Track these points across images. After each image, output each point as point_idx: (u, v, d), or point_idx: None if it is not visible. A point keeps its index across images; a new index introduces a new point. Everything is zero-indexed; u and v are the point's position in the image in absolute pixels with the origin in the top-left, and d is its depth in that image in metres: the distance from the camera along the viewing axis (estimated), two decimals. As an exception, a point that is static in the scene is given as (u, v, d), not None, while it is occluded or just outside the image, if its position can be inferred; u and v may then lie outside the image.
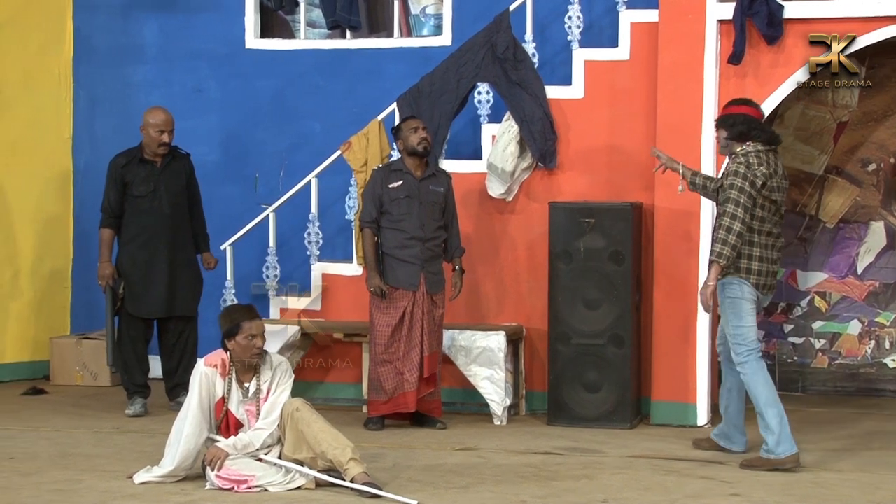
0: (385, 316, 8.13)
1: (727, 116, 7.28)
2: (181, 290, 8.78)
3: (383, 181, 8.18)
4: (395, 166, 8.27)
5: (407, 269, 8.12)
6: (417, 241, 8.13)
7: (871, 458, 7.43)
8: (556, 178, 8.87)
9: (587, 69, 8.80)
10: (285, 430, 6.48)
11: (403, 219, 8.13)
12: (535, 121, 8.75)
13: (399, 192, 8.13)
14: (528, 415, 8.80)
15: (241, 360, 6.51)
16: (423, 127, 8.24)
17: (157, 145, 8.71)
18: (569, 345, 8.36)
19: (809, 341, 9.77)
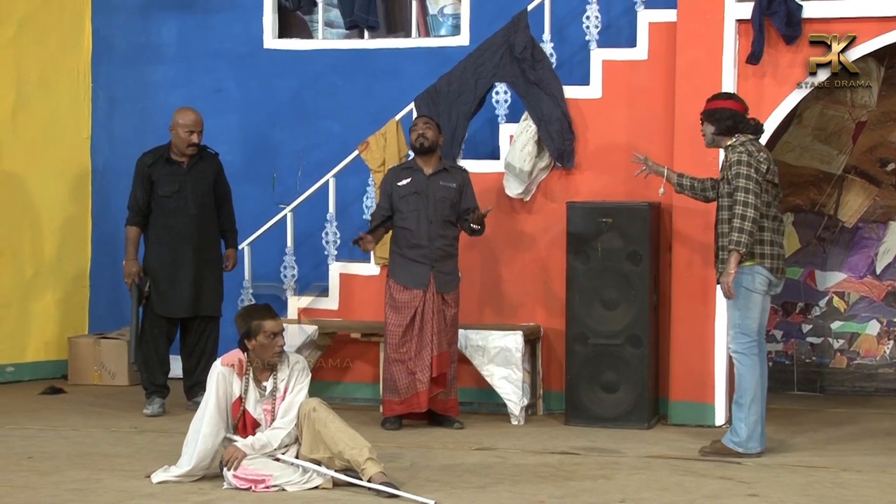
0: (397, 315, 8.11)
1: (713, 111, 7.32)
2: (206, 290, 8.78)
3: (394, 179, 8.18)
4: (407, 164, 8.30)
5: (416, 269, 8.10)
6: (425, 240, 8.11)
7: (890, 458, 7.39)
8: (574, 178, 8.86)
9: (605, 69, 8.79)
10: (302, 430, 6.48)
11: (410, 216, 8.10)
12: (552, 120, 8.74)
13: (407, 189, 8.12)
14: (546, 415, 8.79)
15: (262, 360, 6.51)
16: (425, 122, 8.21)
17: (186, 146, 8.70)
18: (586, 345, 8.35)
19: (828, 341, 9.75)
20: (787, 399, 9.45)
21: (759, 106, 8.16)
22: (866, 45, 8.14)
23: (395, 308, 8.12)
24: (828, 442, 7.84)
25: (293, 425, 6.49)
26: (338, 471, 6.42)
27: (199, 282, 8.73)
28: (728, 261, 7.13)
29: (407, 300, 8.11)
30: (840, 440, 7.92)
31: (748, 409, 7.19)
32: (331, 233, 9.35)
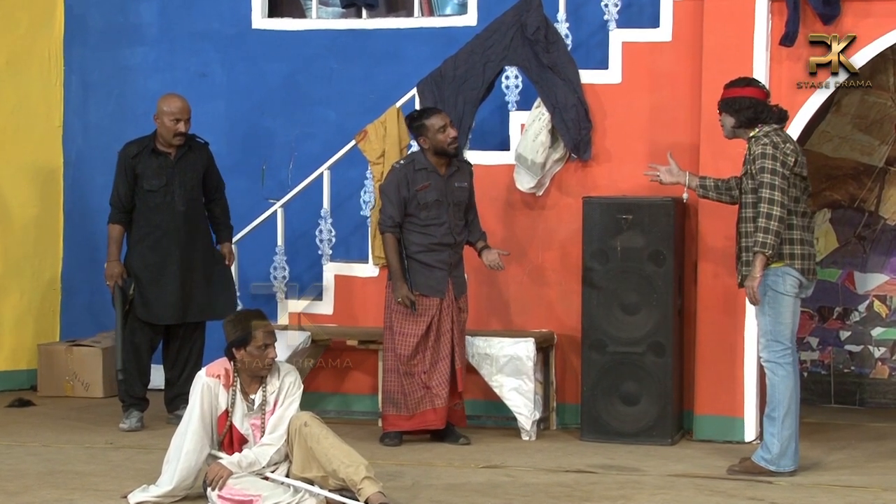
0: (410, 324, 8.07)
1: (731, 100, 7.30)
2: (197, 294, 8.77)
3: (409, 182, 8.05)
4: (420, 164, 8.09)
5: (435, 275, 8.07)
6: (446, 247, 8.11)
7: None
8: (591, 171, 8.84)
9: (625, 51, 8.77)
10: (293, 446, 6.46)
11: (433, 223, 8.06)
12: (568, 108, 8.72)
13: (428, 195, 8.03)
14: (560, 429, 8.78)
15: (250, 371, 6.48)
16: (451, 123, 8.13)
17: (173, 135, 8.68)
18: (604, 353, 8.32)
19: (868, 349, 9.73)
20: (823, 412, 9.43)
21: (793, 93, 8.13)
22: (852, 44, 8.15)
23: (408, 316, 8.06)
24: (867, 459, 7.82)
25: (283, 441, 6.46)
26: (332, 491, 6.40)
27: (187, 285, 8.72)
28: (753, 264, 7.10)
29: (423, 308, 8.06)
30: (881, 457, 7.90)
31: (781, 423, 7.17)
32: (325, 230, 9.34)
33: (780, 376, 7.19)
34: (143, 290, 8.65)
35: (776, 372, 7.20)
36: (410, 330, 8.05)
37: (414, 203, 8.02)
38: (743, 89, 7.31)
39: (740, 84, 7.39)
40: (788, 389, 7.18)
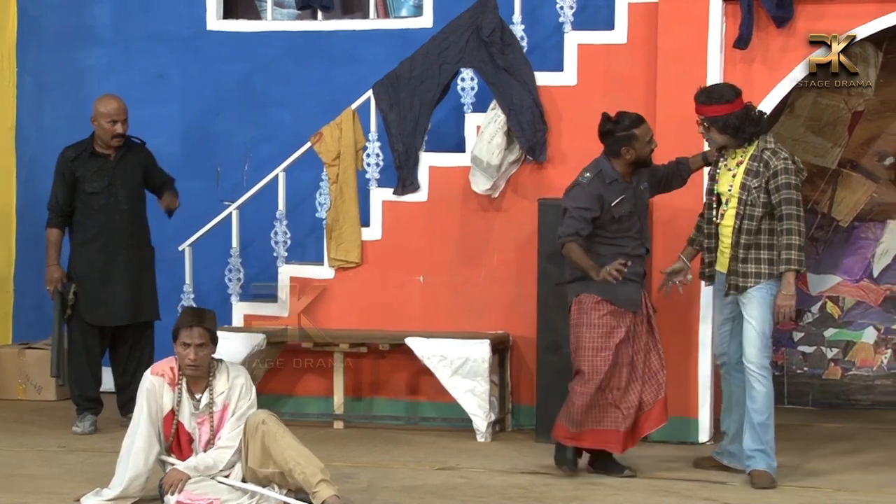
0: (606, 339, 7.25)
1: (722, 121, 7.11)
2: (145, 294, 8.72)
3: (603, 197, 7.21)
4: (610, 175, 7.27)
5: (629, 288, 7.27)
6: (638, 258, 7.39)
7: (888, 476, 7.40)
8: (547, 173, 8.83)
9: (581, 53, 8.77)
10: (250, 442, 6.41)
11: (624, 235, 7.31)
12: (523, 110, 8.72)
13: (622, 208, 7.26)
14: (515, 431, 8.77)
15: (181, 369, 6.45)
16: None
17: (111, 137, 8.64)
18: (559, 354, 8.28)
19: (821, 350, 9.75)
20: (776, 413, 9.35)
21: (748, 95, 8.08)
22: (864, 28, 8.15)
23: (605, 331, 7.26)
24: (820, 459, 7.85)
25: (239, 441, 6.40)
26: (288, 492, 6.36)
27: (135, 285, 8.65)
28: (788, 282, 7.08)
29: (617, 321, 7.29)
30: (834, 457, 7.93)
31: (769, 429, 7.20)
32: (280, 232, 9.28)
33: (767, 385, 7.18)
34: (89, 292, 8.58)
35: (767, 377, 7.18)
36: (607, 344, 7.24)
37: (606, 217, 7.25)
38: (730, 105, 7.14)
39: (722, 98, 7.17)
40: (771, 396, 7.21)
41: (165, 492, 6.37)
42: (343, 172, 9.07)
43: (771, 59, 8.27)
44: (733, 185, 7.20)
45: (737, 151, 7.22)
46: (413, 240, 9.01)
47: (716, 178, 7.33)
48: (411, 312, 8.98)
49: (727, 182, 7.24)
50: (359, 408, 9.08)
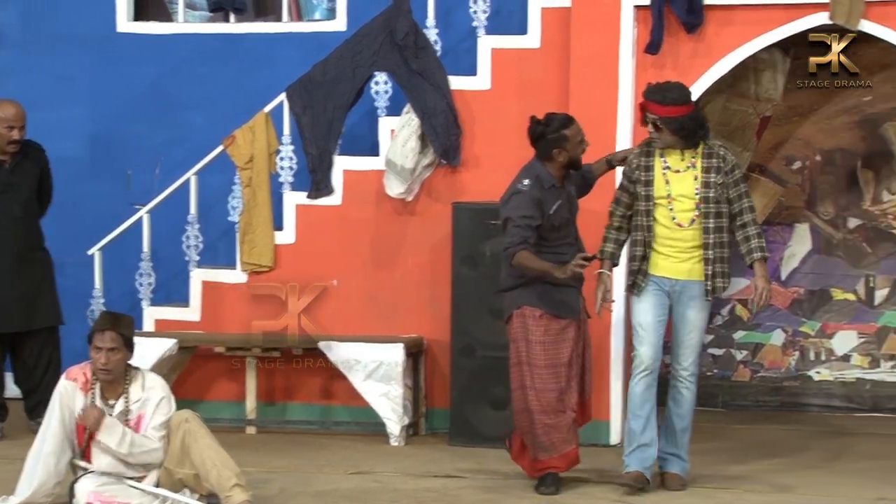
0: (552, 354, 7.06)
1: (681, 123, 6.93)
2: (43, 300, 8.60)
3: (543, 203, 7.02)
4: (547, 181, 7.08)
5: (569, 294, 7.13)
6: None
7: (795, 477, 7.47)
8: (461, 177, 8.85)
9: (494, 58, 8.79)
10: (171, 440, 6.37)
11: (563, 242, 7.13)
12: (437, 114, 8.72)
13: (560, 216, 7.08)
14: (429, 434, 8.77)
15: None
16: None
17: (7, 143, 8.53)
18: (473, 357, 8.32)
19: (730, 353, 9.84)
20: (687, 415, 9.51)
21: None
22: (772, 34, 8.24)
23: (549, 346, 7.07)
24: (730, 461, 7.91)
25: (161, 444, 6.31)
26: (200, 497, 6.30)
27: (32, 291, 8.56)
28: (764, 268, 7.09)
29: (562, 333, 7.11)
30: (743, 459, 7.99)
31: (689, 434, 7.21)
32: (192, 236, 9.21)
33: (695, 389, 7.18)
34: None
35: (695, 385, 7.17)
36: (556, 361, 7.05)
37: (547, 225, 7.03)
38: (687, 107, 7.01)
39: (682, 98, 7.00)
40: (695, 401, 7.23)
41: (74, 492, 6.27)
42: (256, 176, 9.02)
43: (681, 64, 8.32)
44: (698, 186, 7.00)
45: (684, 153, 7.03)
46: (327, 243, 8.97)
47: (651, 182, 7.01)
48: (325, 316, 8.92)
49: (687, 184, 7.01)
50: (272, 413, 9.01)
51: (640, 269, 7.05)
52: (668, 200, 7.01)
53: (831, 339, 9.76)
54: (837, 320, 9.75)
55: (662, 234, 7.03)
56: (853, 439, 8.72)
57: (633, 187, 7.07)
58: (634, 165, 7.10)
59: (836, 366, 9.74)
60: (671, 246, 7.03)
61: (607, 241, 7.18)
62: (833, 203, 9.73)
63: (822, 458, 8.11)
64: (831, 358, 9.75)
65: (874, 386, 9.68)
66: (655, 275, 7.04)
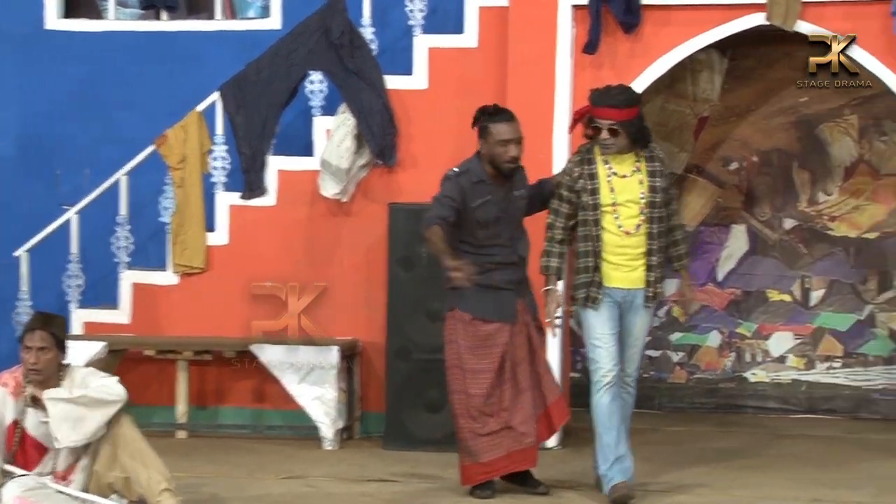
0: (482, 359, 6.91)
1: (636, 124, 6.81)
2: None
3: (465, 194, 6.86)
4: (476, 174, 6.90)
5: (502, 298, 6.94)
6: (510, 265, 7.00)
7: (731, 479, 7.48)
8: (397, 177, 8.84)
9: (431, 57, 8.81)
10: (102, 443, 6.25)
11: (492, 243, 6.94)
12: (373, 113, 8.72)
13: (487, 212, 6.89)
14: (363, 438, 8.77)
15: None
16: (519, 141, 6.94)
17: None
18: (409, 360, 8.30)
19: (666, 354, 9.87)
20: (624, 417, 9.51)
21: (597, 100, 8.20)
22: (709, 34, 8.27)
23: (480, 350, 6.92)
24: (665, 463, 7.90)
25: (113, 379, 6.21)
26: (130, 503, 6.19)
27: None
28: (687, 278, 7.17)
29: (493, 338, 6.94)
30: (679, 461, 8.00)
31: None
32: (122, 237, 9.15)
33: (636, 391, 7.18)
34: None
35: (636, 388, 7.16)
36: (484, 365, 6.91)
37: (471, 220, 6.88)
38: (638, 108, 6.88)
39: (635, 99, 6.93)
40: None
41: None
42: (188, 176, 8.98)
43: (619, 64, 8.33)
44: (644, 192, 6.83)
45: (625, 157, 6.85)
46: (260, 245, 8.95)
47: (598, 189, 6.81)
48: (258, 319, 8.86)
49: (633, 189, 6.84)
50: (203, 417, 8.97)
51: (592, 280, 6.84)
52: (613, 208, 6.83)
53: (767, 341, 9.82)
54: (773, 321, 9.80)
55: (612, 242, 6.84)
56: (788, 441, 8.76)
57: (575, 196, 6.86)
58: (577, 174, 6.87)
59: (771, 367, 9.80)
60: (621, 254, 6.85)
61: (551, 256, 6.94)
62: (769, 204, 9.77)
63: (757, 459, 8.13)
64: (767, 359, 9.81)
65: (809, 387, 9.75)
66: (609, 286, 6.85)
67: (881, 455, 8.26)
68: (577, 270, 6.89)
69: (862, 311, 9.69)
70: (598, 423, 6.89)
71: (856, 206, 9.69)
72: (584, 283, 6.85)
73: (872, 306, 9.69)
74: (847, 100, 9.60)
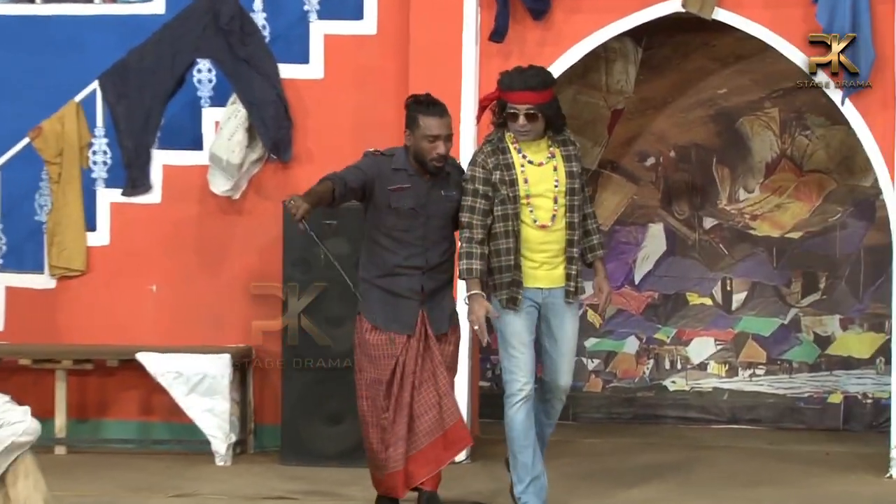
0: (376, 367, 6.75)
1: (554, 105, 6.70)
2: None
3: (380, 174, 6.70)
4: (398, 162, 6.74)
5: (401, 306, 6.74)
6: (416, 270, 6.74)
7: (648, 493, 7.53)
8: (293, 173, 8.84)
9: (327, 45, 8.82)
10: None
11: (401, 239, 6.72)
12: (266, 104, 8.72)
13: (402, 200, 6.68)
14: (258, 453, 8.76)
15: None
16: (448, 138, 6.72)
17: None
18: (307, 369, 8.28)
19: (581, 361, 9.87)
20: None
21: (504, 90, 8.22)
22: (623, 21, 8.32)
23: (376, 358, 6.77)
24: (581, 478, 7.93)
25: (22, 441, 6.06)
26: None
27: None
28: (605, 268, 6.99)
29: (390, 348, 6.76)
30: (596, 477, 8.02)
31: None
32: (-6, 237, 9.17)
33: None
34: None
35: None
36: (377, 374, 6.74)
37: (383, 205, 6.68)
38: (553, 88, 6.72)
39: (552, 80, 6.77)
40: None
41: None
42: (66, 171, 8.95)
43: (528, 53, 8.30)
44: (559, 180, 6.69)
45: (538, 143, 6.71)
46: (145, 245, 8.92)
47: (515, 181, 6.65)
48: (143, 325, 8.88)
49: (547, 178, 6.69)
50: (84, 431, 8.94)
51: (513, 279, 6.65)
52: (527, 200, 6.67)
53: (687, 347, 9.91)
54: (693, 326, 9.89)
55: (531, 238, 6.67)
56: (710, 453, 8.81)
57: (491, 190, 6.65)
58: (492, 165, 6.67)
59: (692, 375, 9.88)
60: (542, 251, 6.70)
61: (473, 258, 6.64)
62: (688, 202, 9.85)
63: (676, 472, 8.16)
64: (687, 366, 9.90)
65: (731, 396, 9.85)
66: (529, 287, 6.69)
67: (807, 468, 8.33)
68: (497, 269, 6.68)
69: (786, 315, 9.81)
70: (514, 440, 6.75)
71: (778, 205, 9.81)
72: (506, 282, 6.66)
73: (797, 310, 9.81)
74: (767, 92, 9.73)
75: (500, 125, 6.77)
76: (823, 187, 9.78)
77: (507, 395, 6.75)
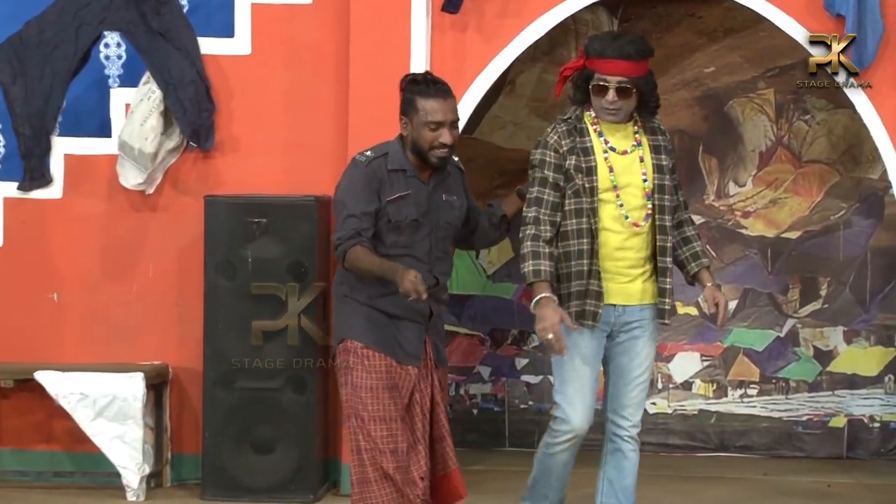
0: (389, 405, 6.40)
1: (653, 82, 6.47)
2: None
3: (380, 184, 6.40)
4: (395, 161, 6.42)
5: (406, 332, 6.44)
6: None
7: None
8: (215, 163, 8.88)
9: (255, 16, 8.83)
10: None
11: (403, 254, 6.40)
12: (184, 85, 8.75)
13: (403, 211, 6.39)
14: (175, 486, 8.78)
15: None
16: (454, 124, 6.46)
17: None
18: (232, 390, 8.35)
19: (549, 380, 9.87)
20: (494, 458, 9.63)
21: (461, 68, 8.33)
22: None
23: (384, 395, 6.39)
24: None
25: None
26: None
27: None
28: (711, 278, 6.61)
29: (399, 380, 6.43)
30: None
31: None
32: None
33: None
34: None
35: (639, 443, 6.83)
36: (391, 413, 6.37)
37: (381, 221, 6.37)
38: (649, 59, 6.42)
39: (649, 49, 6.43)
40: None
41: None
42: (-49, 162, 8.93)
43: (487, 26, 8.41)
44: (647, 173, 6.46)
45: (623, 128, 6.48)
46: (44, 247, 8.94)
47: (594, 169, 6.38)
48: (43, 339, 8.90)
49: (634, 170, 6.44)
50: (-27, 462, 8.92)
51: (588, 289, 6.35)
52: (615, 194, 6.40)
53: (669, 364, 9.98)
54: (677, 340, 9.95)
55: (611, 242, 6.40)
56: (696, 485, 8.93)
57: (563, 179, 6.36)
58: (566, 149, 6.38)
59: (675, 395, 9.95)
60: (618, 259, 6.41)
61: (540, 258, 6.31)
62: (670, 197, 9.94)
63: (658, 507, 8.25)
64: (669, 385, 9.96)
65: (720, 419, 9.92)
66: (611, 302, 6.40)
67: (806, 502, 8.44)
68: (565, 277, 6.38)
69: (782, 327, 9.92)
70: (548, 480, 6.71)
71: (773, 200, 9.91)
72: (578, 292, 6.36)
73: (795, 321, 9.92)
74: (761, 71, 9.78)
75: (580, 102, 6.51)
76: (825, 180, 9.88)
77: (552, 430, 6.59)
